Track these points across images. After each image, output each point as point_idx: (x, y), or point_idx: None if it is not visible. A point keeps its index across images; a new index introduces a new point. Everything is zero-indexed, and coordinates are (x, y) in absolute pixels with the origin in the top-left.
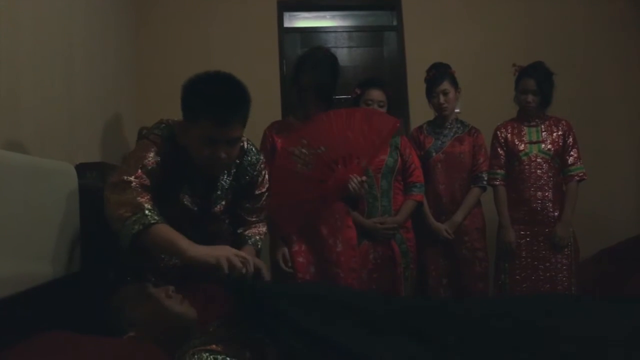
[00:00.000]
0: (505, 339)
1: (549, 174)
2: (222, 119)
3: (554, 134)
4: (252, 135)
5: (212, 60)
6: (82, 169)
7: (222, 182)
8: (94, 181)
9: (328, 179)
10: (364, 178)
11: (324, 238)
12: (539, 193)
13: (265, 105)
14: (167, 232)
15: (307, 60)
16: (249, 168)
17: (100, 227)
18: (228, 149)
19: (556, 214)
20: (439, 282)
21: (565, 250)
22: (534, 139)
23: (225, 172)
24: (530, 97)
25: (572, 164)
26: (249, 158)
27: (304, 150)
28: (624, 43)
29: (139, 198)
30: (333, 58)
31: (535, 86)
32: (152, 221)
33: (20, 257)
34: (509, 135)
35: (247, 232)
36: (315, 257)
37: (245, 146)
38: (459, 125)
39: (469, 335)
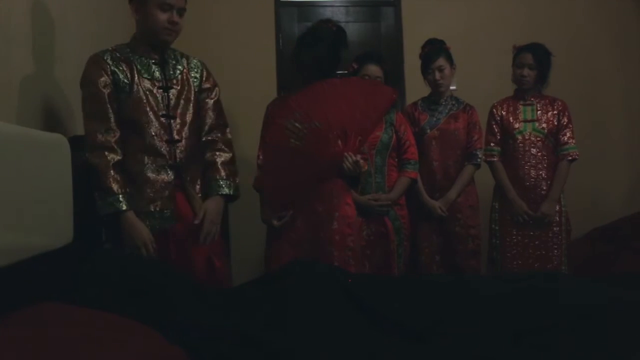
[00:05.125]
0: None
1: (543, 152)
2: None
3: (549, 113)
4: (248, 108)
5: (208, 33)
6: (76, 141)
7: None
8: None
9: (322, 156)
10: (358, 157)
11: (319, 215)
12: (533, 171)
13: (262, 79)
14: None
15: (308, 36)
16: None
17: (93, 199)
18: (178, 16)
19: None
20: (431, 259)
21: (556, 229)
22: (529, 117)
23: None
24: (526, 71)
25: (565, 143)
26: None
27: (297, 125)
28: (621, 25)
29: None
30: (337, 33)
31: (532, 60)
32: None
33: (11, 229)
34: (504, 113)
35: (210, 172)
36: (309, 234)
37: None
38: (453, 102)
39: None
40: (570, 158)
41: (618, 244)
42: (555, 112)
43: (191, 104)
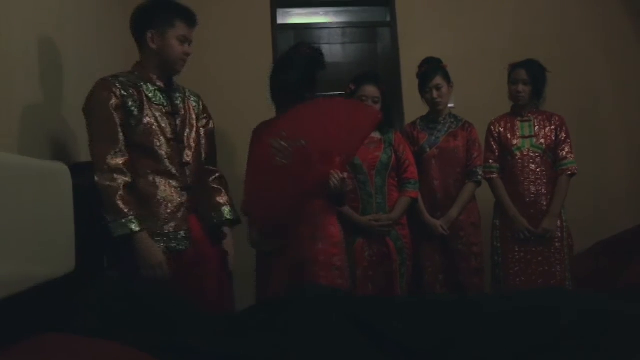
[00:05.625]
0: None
1: (542, 168)
2: (193, 22)
3: (547, 129)
4: (246, 131)
5: (204, 57)
6: (77, 169)
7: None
8: (88, 181)
9: (307, 174)
10: (344, 175)
11: (303, 237)
12: (532, 187)
13: (259, 102)
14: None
15: (280, 62)
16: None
17: (96, 227)
18: (190, 49)
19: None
20: (435, 278)
21: (558, 244)
22: (527, 133)
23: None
24: (520, 87)
25: (564, 158)
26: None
27: (283, 143)
28: (615, 36)
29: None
30: (309, 57)
31: (525, 75)
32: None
33: (12, 259)
34: (502, 129)
35: (219, 198)
36: (296, 256)
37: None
38: (452, 120)
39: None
40: (569, 173)
41: (622, 257)
42: (552, 127)
43: (195, 131)
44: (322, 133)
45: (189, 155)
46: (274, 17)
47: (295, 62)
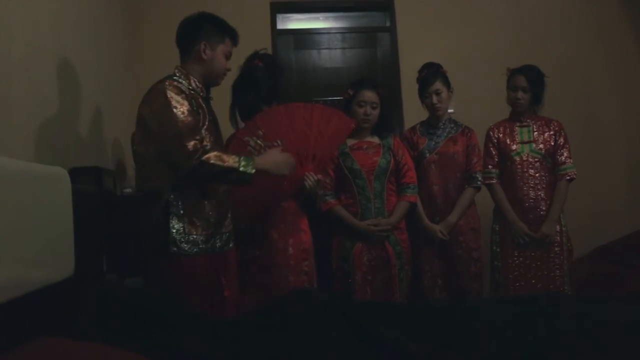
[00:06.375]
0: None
1: (541, 173)
2: (237, 41)
3: (545, 134)
4: None
5: None
6: (76, 174)
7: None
8: (88, 185)
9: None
10: (319, 176)
11: (274, 242)
12: (532, 192)
13: None
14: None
15: (239, 82)
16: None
17: (94, 232)
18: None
19: None
20: (434, 283)
21: (557, 249)
22: (526, 139)
23: None
24: (520, 94)
25: (563, 163)
26: None
27: (259, 142)
28: (614, 41)
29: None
30: (265, 68)
31: (525, 82)
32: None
33: (11, 263)
34: (501, 135)
35: None
36: (266, 261)
37: None
38: (452, 125)
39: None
40: (568, 177)
41: (621, 263)
42: (551, 132)
43: (221, 139)
44: (299, 135)
45: None
46: (273, 22)
47: (252, 79)
